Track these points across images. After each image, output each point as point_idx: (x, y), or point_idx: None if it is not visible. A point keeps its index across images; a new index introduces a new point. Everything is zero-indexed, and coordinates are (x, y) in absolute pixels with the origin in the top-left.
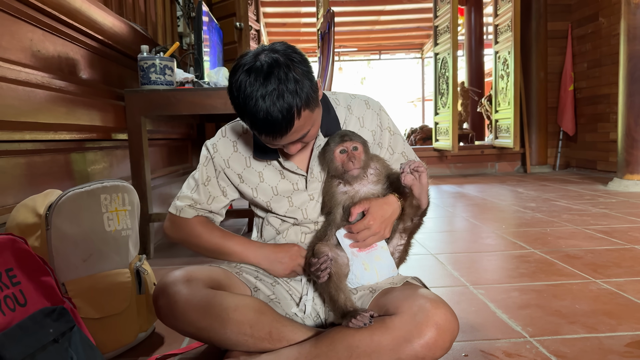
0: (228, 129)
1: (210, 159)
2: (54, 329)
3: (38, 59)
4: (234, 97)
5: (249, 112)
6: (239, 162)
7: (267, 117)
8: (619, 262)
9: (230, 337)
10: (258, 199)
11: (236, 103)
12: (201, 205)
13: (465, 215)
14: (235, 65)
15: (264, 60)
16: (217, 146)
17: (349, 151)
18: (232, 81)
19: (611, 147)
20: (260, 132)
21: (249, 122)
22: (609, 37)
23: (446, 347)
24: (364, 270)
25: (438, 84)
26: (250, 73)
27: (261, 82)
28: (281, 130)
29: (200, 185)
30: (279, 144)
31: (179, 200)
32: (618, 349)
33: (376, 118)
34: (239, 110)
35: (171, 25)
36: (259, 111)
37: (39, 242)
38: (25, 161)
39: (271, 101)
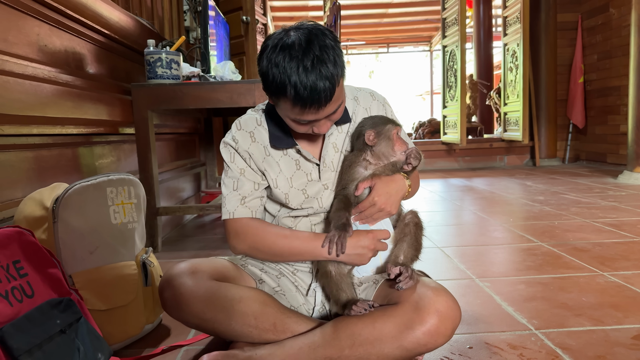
0: (242, 122)
1: (235, 150)
2: (61, 320)
3: (45, 53)
4: (273, 76)
5: (293, 86)
6: (259, 151)
7: (313, 87)
8: (627, 255)
9: (235, 329)
10: (278, 190)
11: (277, 81)
12: (251, 196)
13: (473, 209)
14: (265, 47)
15: (297, 35)
16: (236, 138)
17: (401, 134)
18: (268, 60)
19: (621, 139)
20: (305, 105)
21: (292, 96)
22: (619, 28)
23: (448, 334)
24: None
25: (446, 77)
26: (287, 49)
27: (302, 54)
28: (326, 98)
29: (240, 178)
30: (319, 117)
31: (227, 204)
32: (624, 342)
33: (382, 109)
34: (280, 87)
35: (178, 20)
36: (305, 82)
37: (46, 235)
38: (33, 155)
39: (316, 71)
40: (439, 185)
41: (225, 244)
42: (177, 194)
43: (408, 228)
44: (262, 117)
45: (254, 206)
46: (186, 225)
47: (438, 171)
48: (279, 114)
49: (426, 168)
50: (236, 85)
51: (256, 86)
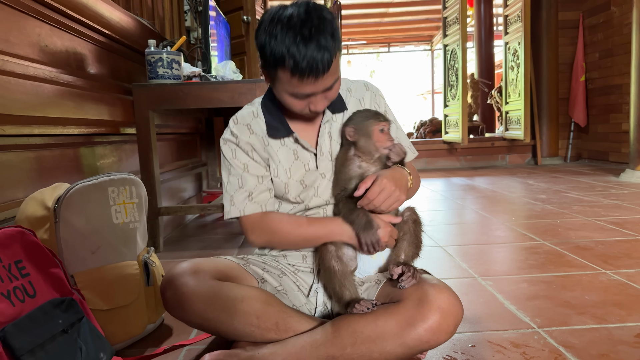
0: (238, 117)
1: (236, 145)
2: (63, 319)
3: (46, 53)
4: (272, 47)
5: (292, 55)
6: (259, 142)
7: (312, 56)
8: (630, 253)
9: (237, 328)
10: (278, 179)
11: (275, 52)
12: (257, 190)
13: (475, 208)
14: (262, 21)
15: (294, 9)
16: (235, 132)
17: (385, 130)
18: (266, 32)
19: (623, 138)
20: (303, 74)
21: (291, 66)
22: (621, 27)
23: (450, 331)
24: (371, 258)
25: (447, 76)
26: (285, 20)
27: (301, 24)
28: (324, 68)
29: (243, 175)
30: (317, 89)
31: (236, 203)
32: (628, 340)
33: (374, 100)
34: (279, 58)
35: (178, 20)
36: (303, 52)
37: (47, 235)
38: (34, 155)
39: (314, 41)
40: (440, 185)
41: (227, 243)
42: (179, 194)
43: (407, 226)
44: (259, 109)
45: (263, 200)
46: (188, 225)
47: (440, 170)
48: (276, 93)
49: (428, 167)
50: (237, 84)
51: (257, 86)
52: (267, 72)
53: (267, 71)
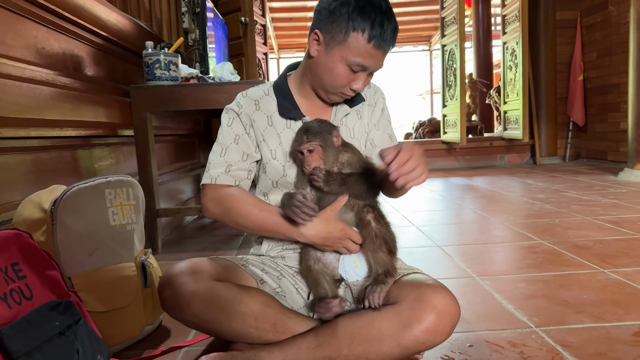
0: (249, 91)
1: (237, 115)
2: (60, 321)
3: (43, 56)
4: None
5: (379, 24)
6: (262, 119)
7: (392, 30)
8: (628, 252)
9: (235, 329)
10: (276, 161)
11: (359, 18)
12: (237, 166)
13: (474, 208)
14: None
15: None
16: (241, 104)
17: (305, 154)
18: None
19: (622, 137)
20: (379, 44)
21: (374, 34)
22: (618, 26)
23: (447, 331)
24: (355, 268)
25: (446, 76)
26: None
27: (384, 4)
28: (392, 45)
29: (231, 145)
30: (377, 64)
31: (211, 170)
32: (625, 339)
33: (374, 96)
34: (362, 23)
35: (176, 22)
36: (387, 24)
37: (44, 237)
38: (31, 158)
39: (393, 19)
40: (439, 185)
41: (226, 244)
42: (177, 196)
43: (367, 229)
44: (270, 89)
45: (239, 176)
46: (186, 227)
47: (438, 170)
48: (326, 61)
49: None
50: (235, 86)
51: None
52: (331, 36)
53: (332, 34)
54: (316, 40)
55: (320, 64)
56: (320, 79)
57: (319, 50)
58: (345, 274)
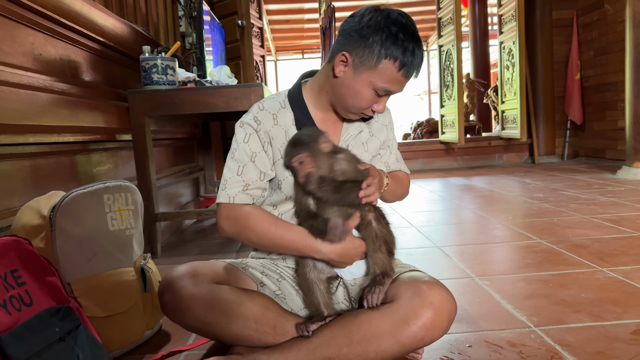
0: (265, 104)
1: (255, 132)
2: (60, 327)
3: (40, 62)
4: (389, 42)
5: (411, 53)
6: (280, 135)
7: (421, 59)
8: (627, 250)
9: (235, 332)
10: (291, 179)
11: (392, 47)
12: (254, 185)
13: (472, 208)
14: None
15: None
16: (259, 118)
17: (296, 167)
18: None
19: (619, 135)
20: (408, 73)
21: (405, 62)
22: (614, 24)
23: (444, 327)
24: (351, 267)
25: (443, 77)
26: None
27: (414, 32)
28: (417, 74)
29: (248, 163)
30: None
31: (228, 188)
32: (624, 337)
33: (388, 115)
34: (395, 52)
35: (173, 26)
36: (418, 54)
37: (43, 243)
38: (30, 164)
39: (421, 48)
40: (438, 185)
41: (225, 247)
42: (176, 200)
43: (368, 229)
44: (286, 101)
45: (256, 195)
46: (186, 231)
47: (437, 170)
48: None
49: (425, 168)
50: (232, 89)
51: (252, 90)
52: (361, 61)
53: (362, 59)
54: (343, 62)
55: (346, 85)
56: (344, 99)
57: (346, 72)
58: (341, 273)
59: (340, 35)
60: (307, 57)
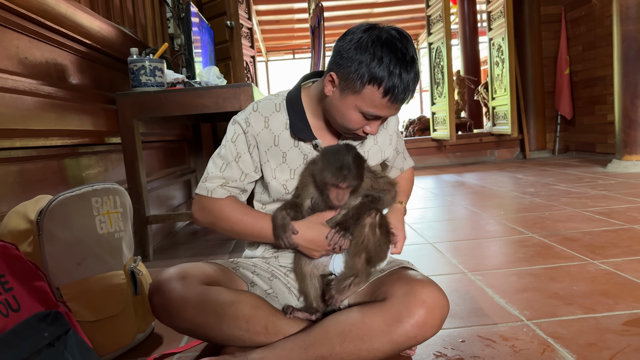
0: (260, 105)
1: (243, 133)
2: (49, 333)
3: (25, 65)
4: (375, 67)
5: (395, 78)
6: (268, 139)
7: (409, 85)
8: (617, 242)
9: (227, 333)
10: (276, 180)
11: (377, 72)
12: (234, 184)
13: (465, 204)
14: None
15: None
16: (250, 120)
17: (342, 189)
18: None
19: (609, 128)
20: (395, 99)
21: (388, 88)
22: (602, 19)
23: (437, 325)
24: (344, 267)
25: (433, 74)
26: (388, 44)
27: (404, 53)
28: (410, 98)
29: (232, 162)
30: (391, 113)
31: (208, 182)
32: (615, 328)
33: (396, 123)
34: (378, 77)
35: (161, 27)
36: (406, 79)
37: (31, 248)
38: (17, 168)
39: (413, 71)
40: (430, 182)
41: (218, 249)
42: (168, 202)
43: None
44: (282, 104)
45: (233, 192)
46: (178, 233)
47: (429, 168)
48: (340, 105)
49: (418, 165)
50: (221, 90)
51: (241, 90)
52: (346, 84)
53: (347, 82)
54: (331, 82)
55: (334, 105)
56: (334, 118)
57: (334, 92)
58: (333, 270)
59: (332, 53)
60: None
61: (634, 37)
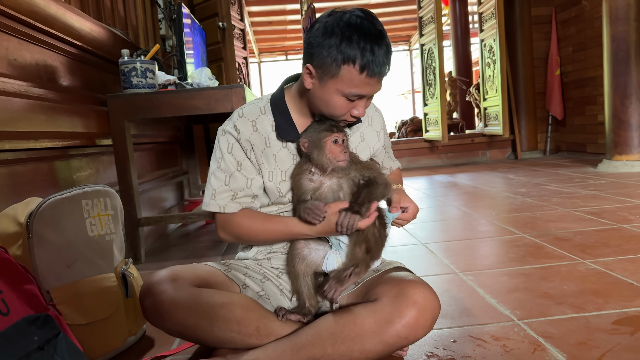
0: (245, 110)
1: (236, 141)
2: (39, 336)
3: (15, 67)
4: (345, 47)
5: (366, 56)
6: (260, 141)
7: (383, 58)
8: (607, 241)
9: (218, 335)
10: (272, 183)
11: (347, 51)
12: (242, 193)
13: (457, 204)
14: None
15: (356, 15)
16: (238, 127)
17: (339, 142)
18: (334, 33)
19: (599, 129)
20: (373, 73)
21: (364, 63)
22: (592, 20)
23: (428, 325)
24: (337, 265)
25: (425, 75)
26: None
27: (373, 29)
28: (388, 69)
29: (235, 172)
30: (373, 90)
31: (217, 198)
32: (605, 327)
33: (381, 120)
34: (351, 56)
35: (153, 29)
36: (377, 52)
37: (21, 251)
38: (6, 171)
39: (384, 45)
40: (423, 183)
41: (210, 250)
42: (160, 204)
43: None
44: (267, 106)
45: (245, 202)
46: (170, 235)
47: (422, 169)
48: (323, 94)
49: (410, 166)
50: (213, 91)
51: (233, 91)
52: (323, 70)
53: (323, 69)
54: (308, 74)
55: (317, 96)
56: (319, 109)
57: (313, 83)
58: (327, 269)
59: (303, 47)
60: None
61: (623, 38)
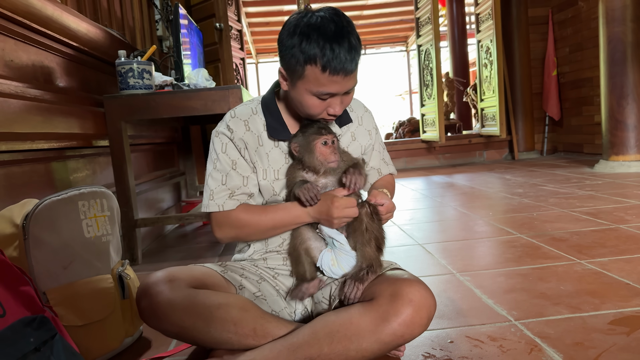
0: (237, 111)
1: (230, 141)
2: (35, 338)
3: (11, 68)
4: (306, 46)
5: (325, 54)
6: (253, 140)
7: (345, 54)
8: (604, 242)
9: (215, 336)
10: (266, 181)
11: (308, 51)
12: (239, 191)
13: (454, 205)
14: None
15: (323, 13)
16: (231, 126)
17: (329, 144)
18: (300, 34)
19: (596, 129)
20: (336, 70)
21: (325, 61)
22: (588, 21)
23: (424, 323)
24: (332, 265)
25: (423, 76)
26: (318, 24)
27: (334, 25)
28: (354, 66)
29: (231, 172)
30: (342, 89)
31: (215, 198)
32: (601, 327)
33: (372, 120)
34: (311, 55)
35: (150, 29)
36: (337, 49)
37: (17, 252)
38: (3, 172)
39: (346, 41)
40: (420, 183)
41: (207, 252)
42: (157, 205)
43: (359, 222)
44: (258, 107)
45: (241, 199)
46: (167, 236)
47: (419, 169)
48: (296, 95)
49: (407, 167)
50: (210, 92)
51: (230, 92)
52: (290, 72)
53: (291, 71)
54: (282, 76)
55: (292, 97)
56: (297, 110)
57: (287, 84)
58: (321, 267)
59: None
60: None
61: (619, 39)
